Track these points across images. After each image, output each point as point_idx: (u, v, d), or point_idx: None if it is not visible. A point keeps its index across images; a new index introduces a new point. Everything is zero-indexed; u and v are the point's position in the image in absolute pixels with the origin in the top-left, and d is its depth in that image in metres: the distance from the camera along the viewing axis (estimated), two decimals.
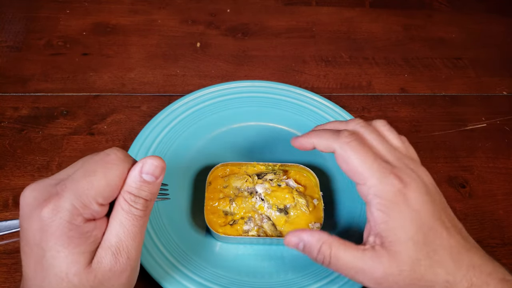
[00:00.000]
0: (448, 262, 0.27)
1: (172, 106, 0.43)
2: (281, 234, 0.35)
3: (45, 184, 0.25)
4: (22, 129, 0.44)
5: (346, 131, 0.30)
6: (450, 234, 0.28)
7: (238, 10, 0.59)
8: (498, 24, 0.61)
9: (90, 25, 0.55)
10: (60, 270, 0.23)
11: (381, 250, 0.27)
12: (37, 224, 0.23)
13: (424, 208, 0.28)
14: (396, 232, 0.27)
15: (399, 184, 0.27)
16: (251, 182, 0.37)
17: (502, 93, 0.52)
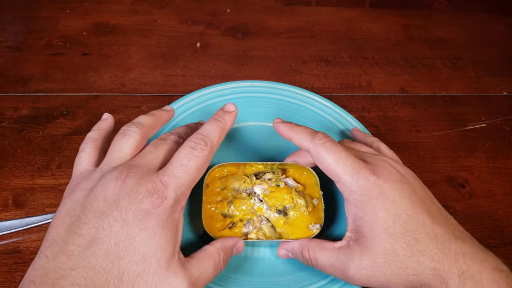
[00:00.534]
0: (432, 250, 0.27)
1: (172, 106, 0.43)
2: (280, 236, 0.34)
3: (143, 173, 0.27)
4: (22, 129, 0.44)
5: (321, 134, 0.31)
6: (435, 222, 0.28)
7: (238, 10, 0.59)
8: (498, 24, 0.61)
9: (90, 25, 0.55)
10: (149, 250, 0.25)
11: (354, 245, 0.28)
12: (144, 206, 0.25)
13: (401, 197, 0.28)
14: (371, 226, 0.28)
15: (372, 176, 0.28)
16: (249, 183, 0.36)
17: (502, 93, 0.52)
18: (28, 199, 0.39)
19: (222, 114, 0.31)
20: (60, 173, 0.41)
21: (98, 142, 0.32)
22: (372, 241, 0.28)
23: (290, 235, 0.34)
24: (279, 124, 0.34)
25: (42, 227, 0.37)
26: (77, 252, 0.24)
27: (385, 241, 0.27)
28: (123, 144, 0.29)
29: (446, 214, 0.30)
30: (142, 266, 0.25)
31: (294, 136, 0.32)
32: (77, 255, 0.24)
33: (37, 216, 0.37)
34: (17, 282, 0.34)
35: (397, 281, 0.27)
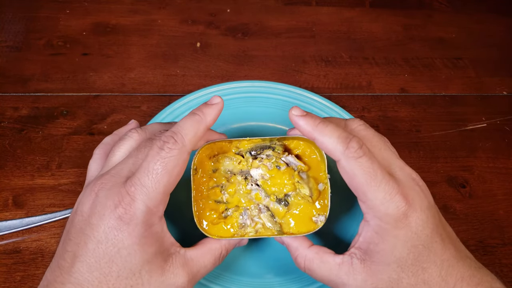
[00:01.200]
0: (435, 279, 0.26)
1: (172, 106, 0.43)
2: (281, 227, 0.31)
3: (114, 183, 0.25)
4: (22, 129, 0.44)
5: (356, 143, 0.26)
6: (445, 247, 0.27)
7: (238, 10, 0.59)
8: (498, 24, 0.61)
9: (90, 25, 0.55)
10: (135, 266, 0.24)
11: (359, 266, 0.27)
12: (113, 224, 0.24)
13: (424, 227, 0.26)
14: (384, 255, 0.26)
15: (404, 206, 0.26)
16: (244, 164, 0.31)
17: (502, 93, 0.52)
18: (28, 199, 0.39)
19: (202, 107, 0.28)
20: (60, 173, 0.41)
21: (109, 146, 0.31)
22: (380, 267, 0.26)
23: (291, 228, 0.31)
24: (300, 118, 0.27)
25: (42, 227, 0.37)
26: (66, 268, 0.24)
27: (393, 270, 0.26)
28: (116, 150, 0.29)
29: (449, 229, 0.29)
30: (133, 279, 0.24)
31: (321, 138, 0.27)
32: (66, 270, 0.24)
33: (37, 216, 0.37)
34: (16, 282, 0.34)
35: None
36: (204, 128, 0.27)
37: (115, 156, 0.28)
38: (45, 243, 0.37)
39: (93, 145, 0.43)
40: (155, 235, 0.26)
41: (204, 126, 0.27)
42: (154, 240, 0.25)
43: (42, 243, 0.37)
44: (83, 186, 0.40)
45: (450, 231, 0.29)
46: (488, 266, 0.38)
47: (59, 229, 0.38)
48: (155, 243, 0.25)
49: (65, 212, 0.37)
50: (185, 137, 0.26)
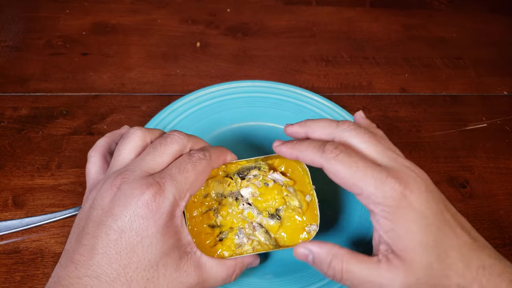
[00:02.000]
0: (458, 264, 0.25)
1: (172, 106, 0.43)
2: (277, 242, 0.31)
3: (137, 176, 0.26)
4: (22, 129, 0.44)
5: (331, 145, 0.28)
6: (457, 234, 0.27)
7: (238, 9, 0.59)
8: (499, 23, 0.60)
9: (90, 25, 0.55)
10: (154, 257, 0.25)
11: (396, 260, 0.26)
12: (139, 211, 0.25)
13: (427, 207, 0.26)
14: (405, 239, 0.26)
15: (399, 186, 0.26)
16: (234, 185, 0.32)
17: (503, 93, 0.52)
18: (28, 199, 0.39)
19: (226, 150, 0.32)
20: (60, 173, 0.41)
21: (104, 148, 0.31)
22: (410, 255, 0.25)
23: (287, 240, 0.31)
24: (281, 147, 0.30)
25: (42, 227, 0.37)
26: (82, 262, 0.24)
27: (423, 255, 0.25)
28: (122, 148, 0.29)
29: (461, 218, 0.28)
30: (150, 272, 0.25)
31: (301, 155, 0.29)
32: (82, 264, 0.24)
33: (36, 216, 0.37)
34: (16, 283, 0.34)
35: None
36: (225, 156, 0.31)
37: (121, 154, 0.28)
38: (44, 243, 0.37)
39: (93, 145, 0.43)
40: (175, 228, 0.26)
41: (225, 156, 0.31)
42: (174, 233, 0.26)
43: (42, 243, 0.37)
44: (83, 186, 0.40)
45: (461, 220, 0.28)
46: None
47: (59, 229, 0.38)
48: (174, 236, 0.26)
49: (65, 212, 0.37)
50: (212, 154, 0.29)
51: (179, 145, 0.29)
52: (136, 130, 0.29)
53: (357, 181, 0.26)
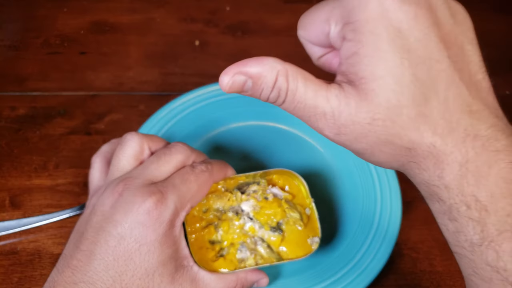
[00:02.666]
0: (437, 119, 0.18)
1: (171, 105, 0.43)
2: (279, 255, 0.31)
3: (140, 183, 0.26)
4: (19, 129, 0.44)
5: None
6: (453, 78, 0.19)
7: (238, 8, 0.58)
8: (502, 23, 0.60)
9: (88, 24, 0.54)
10: (151, 266, 0.24)
11: (349, 88, 0.19)
12: (140, 218, 0.24)
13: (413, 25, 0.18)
14: (370, 62, 0.18)
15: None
16: (234, 200, 0.32)
17: (505, 93, 0.52)
18: (25, 200, 0.39)
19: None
20: (58, 173, 0.41)
21: (108, 154, 0.31)
22: (373, 84, 0.18)
23: (289, 254, 0.31)
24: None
25: (40, 228, 0.37)
26: (79, 267, 0.24)
27: (390, 89, 0.18)
28: (120, 155, 0.29)
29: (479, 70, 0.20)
30: (145, 281, 0.24)
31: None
32: (79, 269, 0.24)
33: (34, 216, 0.37)
34: (14, 284, 0.34)
35: (386, 151, 0.19)
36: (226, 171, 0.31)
37: (121, 161, 0.28)
38: (42, 244, 0.36)
39: (91, 145, 0.43)
40: (174, 238, 0.26)
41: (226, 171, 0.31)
42: (172, 243, 0.26)
43: (40, 244, 0.36)
44: (80, 187, 0.40)
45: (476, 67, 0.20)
46: None
47: (56, 230, 0.37)
48: (172, 246, 0.26)
49: (62, 213, 0.37)
50: (214, 167, 0.29)
51: (183, 156, 0.29)
52: (133, 135, 0.29)
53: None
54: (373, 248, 0.34)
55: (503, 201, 0.18)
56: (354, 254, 0.34)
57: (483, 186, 0.18)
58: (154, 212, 0.25)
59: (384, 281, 0.36)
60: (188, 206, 0.27)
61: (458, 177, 0.18)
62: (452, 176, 0.18)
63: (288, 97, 0.21)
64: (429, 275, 0.36)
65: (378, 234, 0.35)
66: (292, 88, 0.21)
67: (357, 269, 0.33)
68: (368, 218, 0.36)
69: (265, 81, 0.21)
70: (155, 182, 0.27)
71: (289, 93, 0.21)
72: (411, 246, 0.38)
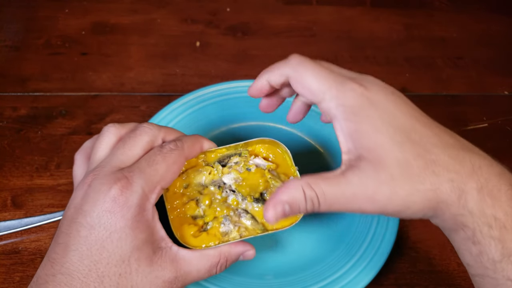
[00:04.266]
0: (446, 160, 0.22)
1: (172, 106, 0.43)
2: (264, 227, 0.30)
3: (107, 171, 0.26)
4: (21, 129, 0.44)
5: (296, 54, 0.29)
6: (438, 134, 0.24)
7: (238, 9, 0.59)
8: (500, 23, 0.60)
9: (89, 25, 0.55)
10: (125, 252, 0.24)
11: (361, 162, 0.23)
12: (107, 206, 0.24)
13: (395, 109, 0.24)
14: (371, 136, 0.23)
15: (360, 88, 0.25)
16: (215, 173, 0.31)
17: (504, 93, 0.52)
18: (27, 200, 0.39)
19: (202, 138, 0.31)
20: (59, 173, 0.41)
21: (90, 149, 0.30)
22: (380, 151, 0.23)
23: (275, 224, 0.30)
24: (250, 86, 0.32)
25: (41, 227, 0.37)
26: (57, 260, 0.24)
27: (395, 150, 0.23)
28: (97, 147, 0.28)
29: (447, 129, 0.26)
30: (121, 267, 0.24)
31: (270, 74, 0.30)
32: (57, 262, 0.24)
33: (36, 216, 0.37)
34: (15, 283, 0.34)
35: (416, 200, 0.22)
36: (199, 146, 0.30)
37: (97, 153, 0.28)
38: (44, 243, 0.37)
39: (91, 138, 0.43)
40: (146, 222, 0.26)
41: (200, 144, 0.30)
42: (145, 227, 0.25)
43: (41, 244, 0.37)
44: None
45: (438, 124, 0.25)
46: None
47: None
48: (146, 230, 0.25)
49: None
50: (185, 144, 0.28)
51: (149, 136, 0.28)
52: (109, 127, 0.29)
53: (319, 85, 0.26)
54: (373, 247, 0.34)
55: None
56: (354, 253, 0.34)
57: (499, 207, 0.22)
58: (120, 198, 0.24)
59: (384, 281, 0.36)
60: (158, 188, 0.26)
61: (478, 201, 0.22)
62: (473, 202, 0.22)
63: (321, 200, 0.24)
64: (428, 274, 0.36)
65: (378, 233, 0.35)
66: (319, 192, 0.24)
67: (356, 268, 0.33)
68: (367, 217, 0.36)
69: (297, 200, 0.24)
70: (122, 168, 0.26)
71: (320, 197, 0.24)
72: (410, 245, 0.38)
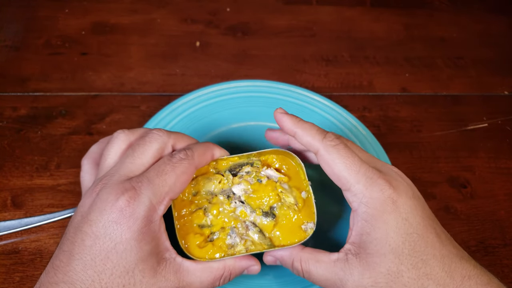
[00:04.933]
0: (439, 273, 0.25)
1: (172, 106, 0.43)
2: (271, 241, 0.30)
3: (115, 181, 0.26)
4: (21, 129, 0.44)
5: (332, 134, 0.28)
6: (443, 242, 0.26)
7: (238, 9, 0.59)
8: (500, 23, 0.60)
9: (89, 24, 0.55)
10: (130, 263, 0.24)
11: (354, 260, 0.26)
12: (113, 217, 0.24)
13: (414, 215, 0.26)
14: (378, 244, 0.26)
15: (389, 189, 0.26)
16: (225, 183, 0.31)
17: (504, 93, 0.52)
18: (27, 200, 0.39)
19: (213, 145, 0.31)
20: (59, 173, 0.41)
21: (97, 154, 0.31)
22: (376, 259, 0.25)
23: (282, 240, 0.30)
24: (283, 116, 0.29)
25: (41, 227, 0.37)
26: (60, 267, 0.24)
27: (391, 262, 0.25)
28: (106, 154, 0.28)
29: (446, 232, 0.28)
30: (125, 278, 0.24)
31: (301, 132, 0.29)
32: (61, 270, 0.24)
33: (35, 216, 0.37)
34: (15, 283, 0.34)
35: None
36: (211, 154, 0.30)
37: (106, 160, 0.28)
38: (44, 243, 0.37)
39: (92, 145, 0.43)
40: (153, 233, 0.25)
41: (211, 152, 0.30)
42: (151, 239, 0.25)
43: (41, 244, 0.37)
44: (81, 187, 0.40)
45: (443, 229, 0.28)
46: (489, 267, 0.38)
47: (58, 229, 0.37)
48: (151, 242, 0.25)
49: (64, 213, 0.37)
50: (195, 153, 0.28)
51: (158, 143, 0.27)
52: (119, 133, 0.29)
53: (349, 176, 0.27)
54: None
55: None
56: None
57: None
58: (127, 209, 0.24)
59: None
60: (166, 199, 0.26)
61: None
62: None
63: (305, 275, 0.28)
64: None
65: None
66: (305, 269, 0.28)
67: None
68: None
69: (284, 263, 0.30)
70: (131, 177, 0.26)
71: (305, 273, 0.28)
72: None
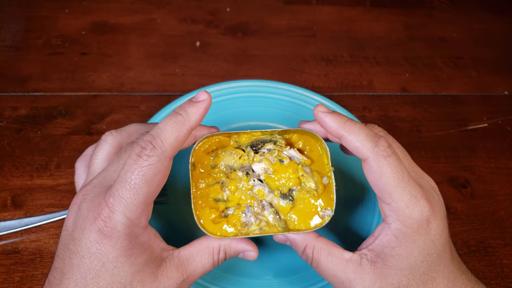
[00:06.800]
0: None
1: (171, 106, 0.43)
2: (286, 224, 0.29)
3: (96, 193, 0.25)
4: (21, 129, 0.44)
5: (385, 141, 0.26)
6: (453, 258, 0.27)
7: (238, 9, 0.59)
8: (500, 23, 0.60)
9: (89, 24, 0.55)
10: (125, 278, 0.24)
11: (368, 267, 0.26)
12: (94, 237, 0.23)
13: (440, 236, 0.26)
14: (398, 259, 0.26)
15: (428, 211, 0.26)
16: (245, 159, 0.29)
17: (504, 93, 0.52)
18: (27, 199, 0.39)
19: (186, 106, 0.25)
20: (59, 173, 0.41)
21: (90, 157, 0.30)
22: (391, 271, 0.26)
23: (297, 224, 0.29)
24: (326, 116, 0.26)
25: (41, 227, 0.37)
26: (55, 284, 0.24)
27: (405, 276, 0.26)
28: (94, 158, 0.27)
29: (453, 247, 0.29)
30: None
31: (349, 136, 0.26)
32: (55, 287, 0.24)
33: (35, 216, 0.37)
34: (15, 283, 0.34)
35: None
36: (187, 130, 0.25)
37: (93, 165, 0.27)
38: (44, 243, 0.37)
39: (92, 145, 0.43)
40: (142, 245, 0.25)
41: (187, 127, 0.25)
42: (142, 251, 0.24)
43: (41, 244, 0.37)
44: None
45: (452, 245, 0.29)
46: (489, 267, 0.38)
47: (57, 229, 0.37)
48: (143, 254, 0.25)
49: (64, 213, 0.37)
50: (165, 142, 0.24)
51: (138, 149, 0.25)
52: (106, 136, 0.28)
53: (394, 191, 0.25)
54: None
55: None
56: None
57: None
58: (105, 229, 0.23)
59: None
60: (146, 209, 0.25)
61: None
62: None
63: (313, 264, 0.28)
64: None
65: None
66: (316, 258, 0.27)
67: None
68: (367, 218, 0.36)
69: (295, 245, 0.29)
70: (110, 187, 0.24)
71: (313, 262, 0.28)
72: None
